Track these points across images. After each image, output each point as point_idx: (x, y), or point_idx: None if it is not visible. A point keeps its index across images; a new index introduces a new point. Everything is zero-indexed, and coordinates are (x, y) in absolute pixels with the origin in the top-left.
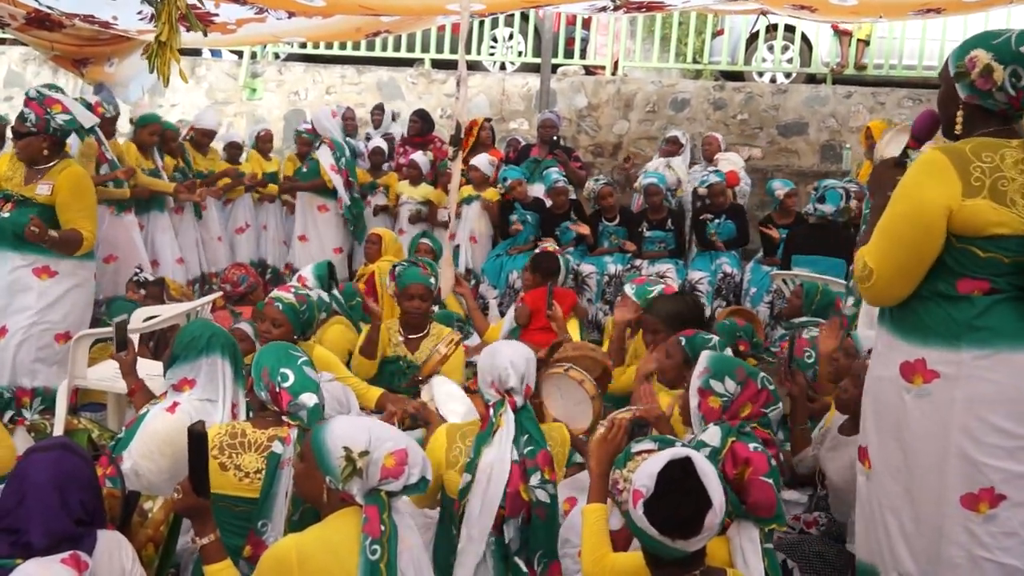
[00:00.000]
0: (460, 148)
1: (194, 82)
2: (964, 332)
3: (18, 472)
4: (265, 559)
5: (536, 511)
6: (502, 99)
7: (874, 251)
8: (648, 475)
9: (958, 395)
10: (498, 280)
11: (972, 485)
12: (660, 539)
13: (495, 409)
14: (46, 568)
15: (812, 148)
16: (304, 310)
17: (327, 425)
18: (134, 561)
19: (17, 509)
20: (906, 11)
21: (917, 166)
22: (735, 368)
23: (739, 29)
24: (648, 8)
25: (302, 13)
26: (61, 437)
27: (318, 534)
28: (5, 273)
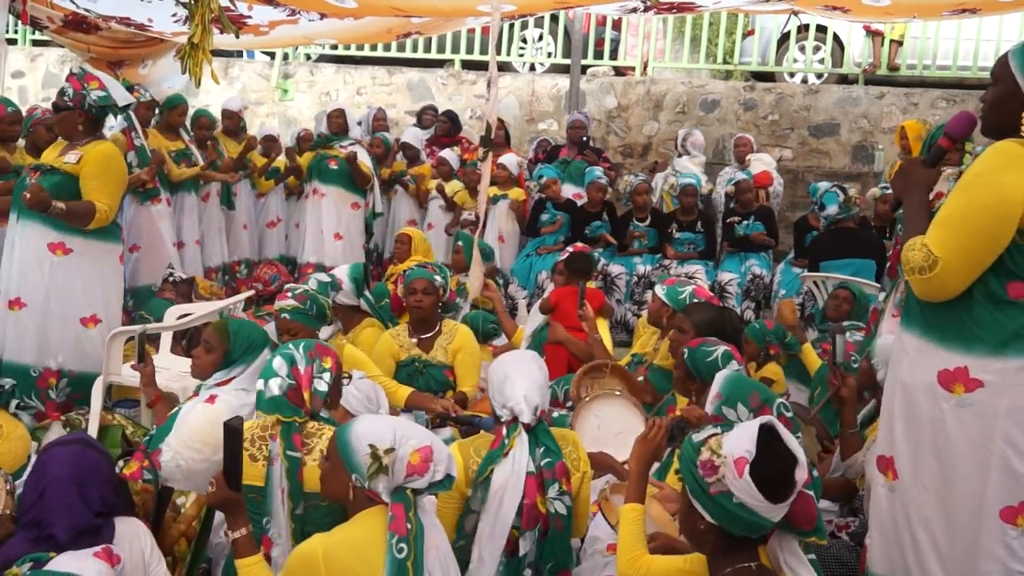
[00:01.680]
0: (491, 149)
1: (227, 83)
2: (1011, 340)
3: (38, 467)
4: (292, 558)
5: (554, 523)
6: (531, 100)
7: (941, 239)
8: (748, 440)
9: (1003, 405)
10: (527, 281)
11: (1012, 498)
12: (762, 506)
13: (509, 430)
14: (81, 560)
15: (843, 149)
16: (310, 306)
17: (352, 424)
18: (152, 546)
19: (38, 503)
20: (940, 11)
21: (994, 155)
22: (749, 394)
23: (770, 29)
24: (679, 9)
25: (334, 15)
26: (80, 432)
27: (345, 533)
28: (23, 243)
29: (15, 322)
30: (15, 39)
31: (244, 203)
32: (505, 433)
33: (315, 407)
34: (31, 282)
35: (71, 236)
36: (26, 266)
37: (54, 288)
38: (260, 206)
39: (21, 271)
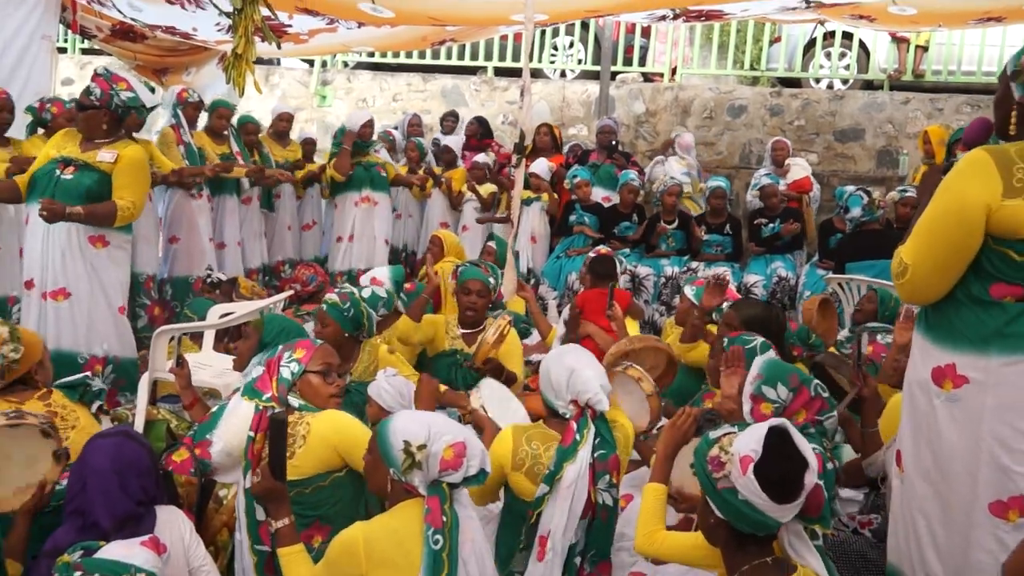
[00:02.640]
0: (524, 155)
1: (267, 90)
2: (993, 338)
3: (81, 458)
4: (334, 545)
5: (600, 513)
6: (562, 105)
7: (911, 247)
8: (755, 440)
9: (988, 401)
10: (557, 282)
11: (1002, 493)
12: (766, 505)
13: (579, 426)
14: (129, 549)
15: (868, 154)
16: (348, 308)
17: (390, 420)
18: (191, 532)
19: (81, 493)
20: (966, 20)
21: (960, 164)
22: (788, 374)
23: (796, 37)
24: (707, 17)
25: (371, 23)
26: (124, 425)
27: (384, 523)
28: (64, 235)
29: (57, 312)
30: (65, 48)
31: (287, 205)
32: (576, 429)
33: (281, 393)
34: (74, 273)
35: (108, 230)
36: (67, 258)
37: (97, 279)
38: (298, 208)
39: (62, 263)
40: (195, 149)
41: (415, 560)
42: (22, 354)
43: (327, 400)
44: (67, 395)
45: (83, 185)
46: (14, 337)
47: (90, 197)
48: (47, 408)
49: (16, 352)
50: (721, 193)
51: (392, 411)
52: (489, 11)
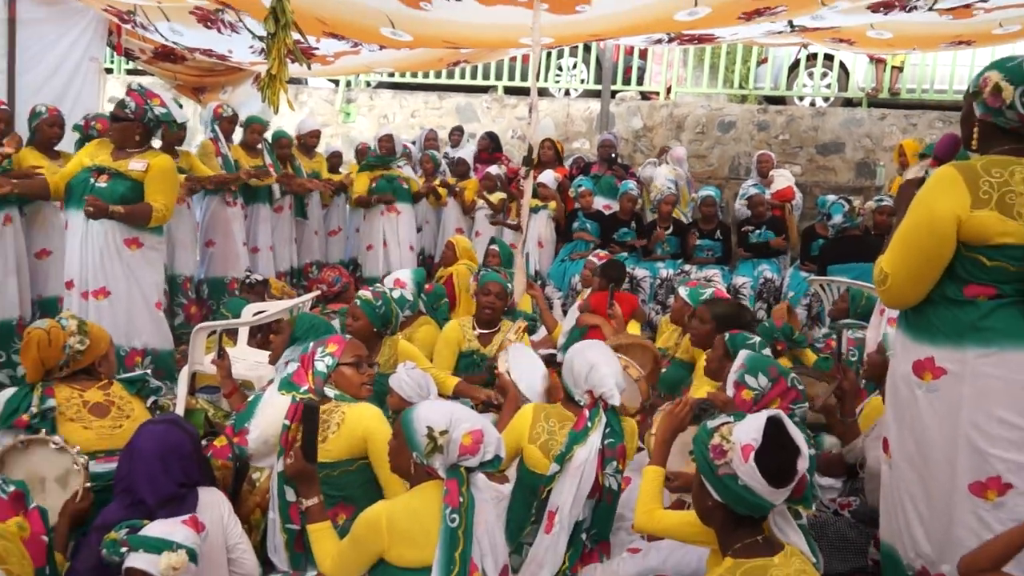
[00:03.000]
0: (532, 167)
1: (297, 107)
2: (968, 332)
3: (131, 442)
4: (359, 521)
5: (606, 496)
6: (566, 121)
7: (889, 258)
8: (755, 429)
9: (965, 391)
10: (562, 283)
11: (980, 474)
12: (764, 489)
13: (592, 414)
14: (171, 527)
15: (848, 166)
16: (380, 305)
17: (415, 409)
18: (230, 512)
19: (130, 474)
20: (938, 43)
21: (931, 180)
22: (768, 366)
23: (782, 58)
24: (700, 40)
25: (391, 46)
26: (172, 413)
27: (406, 502)
28: (101, 239)
29: (98, 309)
30: (111, 68)
31: (315, 212)
32: (588, 416)
33: (317, 385)
34: (112, 273)
35: (142, 231)
36: (106, 259)
37: (134, 278)
38: (325, 215)
39: (101, 264)
40: (231, 160)
41: (433, 536)
42: (87, 346)
43: (359, 389)
44: (126, 388)
45: (117, 192)
46: (82, 330)
47: (124, 203)
48: (106, 397)
49: (82, 344)
50: (711, 202)
51: (411, 401)
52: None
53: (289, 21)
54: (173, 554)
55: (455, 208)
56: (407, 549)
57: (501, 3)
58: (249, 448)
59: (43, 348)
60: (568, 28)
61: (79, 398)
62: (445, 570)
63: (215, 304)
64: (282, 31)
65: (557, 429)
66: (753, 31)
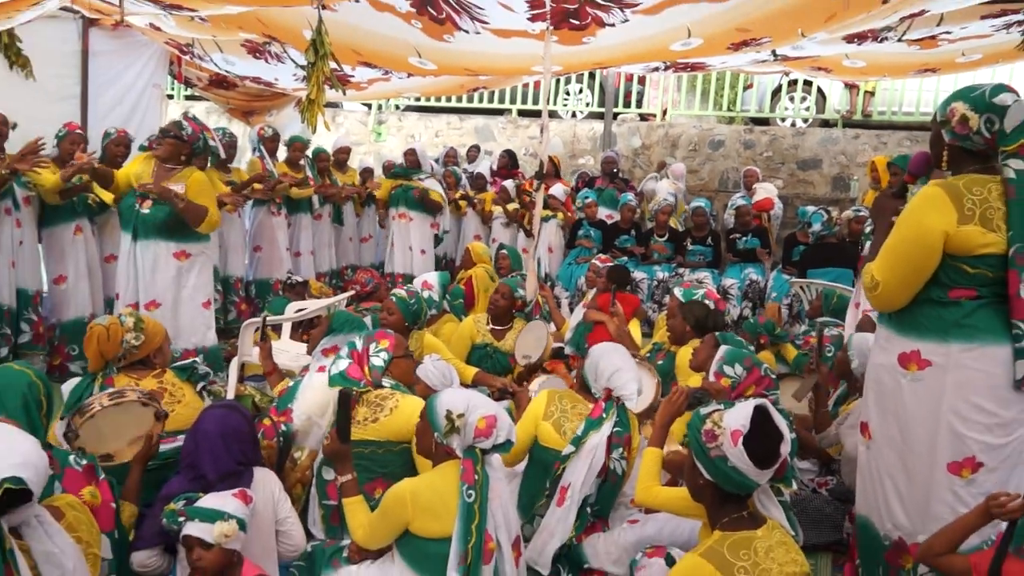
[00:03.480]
0: (544, 182)
1: (334, 128)
2: (952, 329)
3: (196, 424)
4: (387, 496)
5: (611, 477)
6: (573, 140)
7: (881, 266)
8: (744, 416)
9: (948, 380)
10: (569, 284)
11: (957, 455)
12: (751, 470)
13: (607, 407)
14: (223, 499)
15: (825, 180)
16: (413, 303)
17: (438, 394)
18: (280, 490)
19: (195, 451)
20: (907, 71)
21: (920, 198)
22: (744, 357)
23: (765, 84)
24: (692, 68)
25: (418, 74)
26: (231, 400)
27: (428, 480)
28: (151, 256)
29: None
30: (172, 94)
31: (349, 221)
32: (604, 408)
33: (375, 377)
34: (160, 286)
35: (188, 244)
36: (154, 273)
37: (183, 287)
38: (358, 223)
39: (150, 279)
40: (276, 174)
41: (452, 510)
42: (142, 341)
43: (410, 375)
44: (178, 375)
45: (159, 216)
46: (138, 326)
47: (166, 226)
48: (159, 385)
49: (137, 340)
50: (702, 212)
51: (436, 388)
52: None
53: (327, 52)
54: (225, 523)
55: (474, 218)
56: (429, 521)
57: (516, 36)
58: (294, 425)
59: (103, 342)
60: (575, 57)
61: (135, 386)
62: (463, 540)
63: (261, 303)
64: (321, 61)
65: (569, 409)
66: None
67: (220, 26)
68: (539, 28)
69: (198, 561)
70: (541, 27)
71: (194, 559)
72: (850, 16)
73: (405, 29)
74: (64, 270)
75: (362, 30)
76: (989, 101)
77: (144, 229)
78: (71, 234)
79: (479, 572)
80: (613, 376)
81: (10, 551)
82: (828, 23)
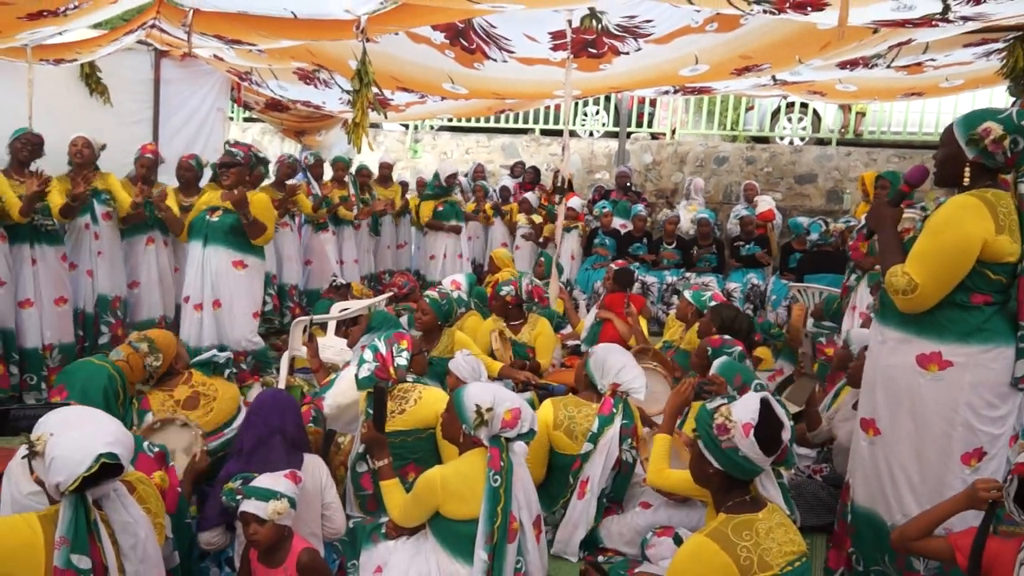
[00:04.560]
0: (566, 195)
1: (375, 146)
2: (974, 332)
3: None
4: (419, 481)
5: (623, 467)
6: (590, 157)
7: (920, 271)
8: (752, 410)
9: (967, 379)
10: (587, 287)
11: (969, 446)
12: (759, 458)
13: (615, 402)
14: (275, 479)
15: (820, 193)
16: (444, 303)
17: (466, 388)
18: (327, 476)
19: (258, 426)
20: (895, 95)
21: (957, 208)
22: (733, 376)
23: (766, 105)
24: (699, 92)
25: (451, 98)
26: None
27: (456, 466)
28: (217, 261)
29: (216, 318)
30: (233, 116)
31: (387, 230)
32: (613, 404)
33: (400, 375)
34: (225, 290)
35: (246, 255)
36: (218, 277)
37: (240, 292)
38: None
39: (214, 281)
40: (319, 195)
41: (478, 493)
42: (161, 359)
43: (425, 368)
44: (203, 372)
45: (227, 223)
46: (152, 349)
47: (233, 230)
48: (192, 389)
49: (157, 360)
50: (707, 222)
51: (466, 381)
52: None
53: (371, 79)
54: (278, 502)
55: (501, 226)
56: (458, 505)
57: (539, 64)
58: (324, 411)
59: (129, 375)
60: (593, 83)
61: (171, 400)
62: (489, 521)
63: (311, 309)
64: (365, 87)
65: (576, 414)
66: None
67: (275, 57)
68: (560, 57)
69: (254, 535)
70: (562, 56)
71: (250, 533)
72: (843, 45)
73: (439, 58)
74: (137, 276)
75: (401, 59)
76: (1018, 124)
77: (213, 235)
78: (143, 244)
79: (504, 549)
80: (621, 372)
81: (94, 522)
82: (823, 51)
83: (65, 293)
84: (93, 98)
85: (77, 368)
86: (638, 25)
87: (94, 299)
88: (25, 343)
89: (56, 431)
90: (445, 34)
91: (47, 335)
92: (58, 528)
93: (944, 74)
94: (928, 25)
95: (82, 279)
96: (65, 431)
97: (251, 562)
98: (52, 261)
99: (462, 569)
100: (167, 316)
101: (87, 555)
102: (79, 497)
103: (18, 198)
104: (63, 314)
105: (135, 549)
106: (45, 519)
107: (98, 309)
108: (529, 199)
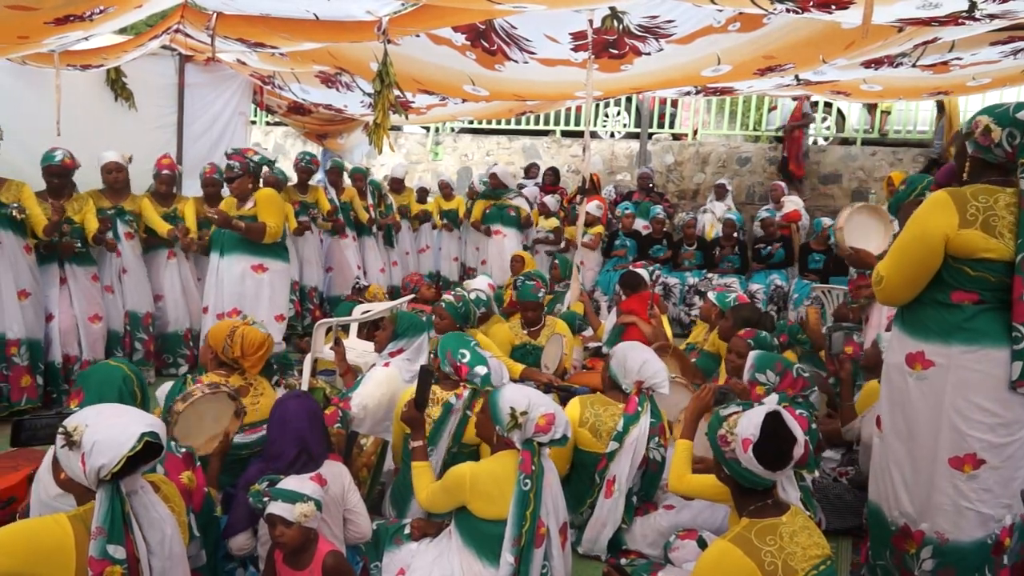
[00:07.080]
0: (586, 197)
1: (396, 148)
2: (954, 331)
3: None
4: (448, 475)
5: (651, 466)
6: (611, 158)
7: (887, 263)
8: (754, 425)
9: (950, 380)
10: (608, 289)
11: (958, 450)
12: (763, 472)
13: (640, 400)
14: (301, 482)
15: (844, 193)
16: (460, 306)
17: (501, 391)
18: (350, 480)
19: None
20: (920, 93)
21: (927, 202)
22: (774, 362)
23: (789, 105)
24: (721, 92)
25: (472, 100)
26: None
27: (487, 465)
28: (236, 267)
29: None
30: (255, 120)
31: (404, 236)
32: (638, 402)
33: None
34: (243, 296)
35: (264, 258)
36: (234, 284)
37: (259, 296)
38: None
39: (230, 290)
40: (338, 203)
41: (507, 495)
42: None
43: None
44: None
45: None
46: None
47: (243, 239)
48: (245, 381)
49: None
50: (732, 223)
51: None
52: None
53: (392, 81)
54: (304, 504)
55: None
56: (486, 504)
57: (560, 65)
58: (351, 412)
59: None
60: (614, 83)
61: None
62: (518, 525)
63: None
64: (386, 89)
65: (601, 412)
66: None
67: (297, 60)
68: (581, 57)
69: (280, 537)
70: (583, 57)
71: (276, 535)
72: (868, 44)
73: (460, 60)
74: (161, 290)
75: (422, 61)
76: (1013, 116)
77: (228, 245)
78: (165, 258)
79: (531, 554)
80: (643, 367)
81: (127, 514)
82: (848, 50)
83: (99, 311)
84: (118, 103)
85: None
86: (660, 25)
87: (121, 316)
88: (48, 357)
89: (91, 421)
90: (466, 35)
91: (84, 352)
92: (95, 519)
93: (971, 73)
94: (954, 23)
95: (107, 297)
96: (101, 420)
97: (276, 563)
98: (83, 280)
99: (485, 571)
100: (193, 327)
101: (122, 545)
102: (114, 487)
103: (46, 218)
104: (97, 332)
105: (162, 545)
106: (75, 519)
107: (130, 327)
108: (548, 203)
